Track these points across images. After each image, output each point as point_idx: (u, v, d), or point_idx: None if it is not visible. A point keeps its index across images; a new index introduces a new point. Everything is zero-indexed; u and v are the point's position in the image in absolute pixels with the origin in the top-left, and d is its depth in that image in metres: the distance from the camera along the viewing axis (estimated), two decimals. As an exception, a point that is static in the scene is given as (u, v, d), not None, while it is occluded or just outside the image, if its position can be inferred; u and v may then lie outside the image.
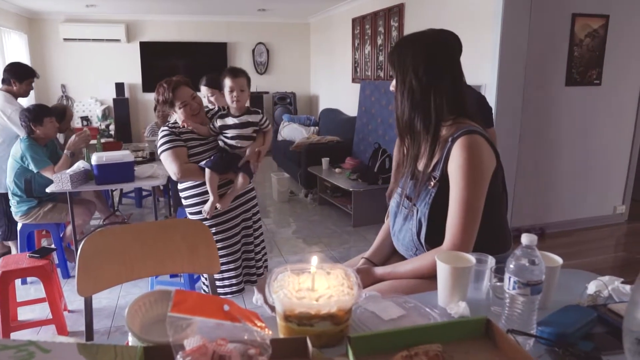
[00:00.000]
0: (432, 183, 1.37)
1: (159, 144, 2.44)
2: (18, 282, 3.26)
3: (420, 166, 1.45)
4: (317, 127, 7.05)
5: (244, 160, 2.48)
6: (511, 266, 0.97)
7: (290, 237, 4.40)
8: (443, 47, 1.38)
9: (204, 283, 2.69)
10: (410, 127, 1.41)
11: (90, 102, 7.68)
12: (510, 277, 0.97)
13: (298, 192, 5.87)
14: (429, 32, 1.40)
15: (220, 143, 2.48)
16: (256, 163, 2.53)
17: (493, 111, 2.99)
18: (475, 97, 2.39)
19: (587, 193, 4.40)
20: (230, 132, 2.46)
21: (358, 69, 6.43)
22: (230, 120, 2.45)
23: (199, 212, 2.49)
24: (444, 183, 1.35)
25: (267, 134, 2.58)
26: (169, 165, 2.40)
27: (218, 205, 2.43)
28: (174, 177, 2.43)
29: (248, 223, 2.65)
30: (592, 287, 1.17)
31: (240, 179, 2.47)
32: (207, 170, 2.38)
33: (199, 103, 2.46)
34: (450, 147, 1.33)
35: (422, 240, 1.39)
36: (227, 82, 2.39)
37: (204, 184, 2.44)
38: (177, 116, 2.45)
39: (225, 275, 2.56)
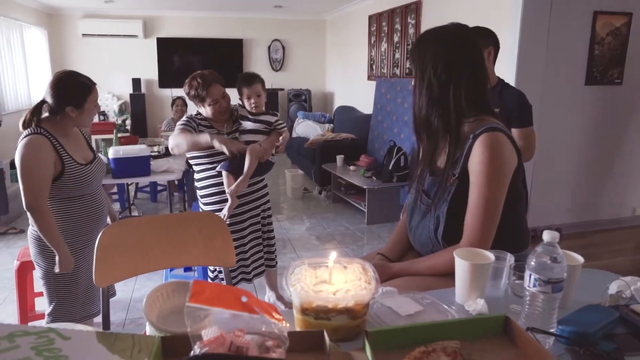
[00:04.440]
0: (451, 180, 1.36)
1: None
2: (35, 273, 3.30)
3: (440, 163, 1.43)
4: (331, 125, 7.04)
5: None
6: (532, 263, 0.95)
7: (303, 234, 4.40)
8: (463, 42, 1.35)
9: (210, 277, 2.69)
10: (427, 123, 1.39)
11: (107, 97, 7.76)
12: (530, 275, 0.95)
13: (312, 189, 5.86)
14: (450, 27, 1.37)
15: None
16: (276, 149, 2.56)
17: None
18: (516, 95, 2.37)
19: (605, 194, 4.33)
20: (246, 126, 2.52)
21: (374, 67, 6.41)
22: (246, 118, 2.54)
23: (214, 203, 2.52)
24: (463, 180, 1.33)
25: (283, 134, 2.61)
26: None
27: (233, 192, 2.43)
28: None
29: (256, 219, 2.65)
30: (613, 287, 1.15)
31: (248, 159, 2.40)
32: (224, 174, 2.44)
33: (228, 102, 2.51)
34: (471, 144, 1.31)
35: (439, 238, 1.38)
36: (244, 91, 2.50)
37: (219, 175, 2.47)
38: (205, 110, 2.49)
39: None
